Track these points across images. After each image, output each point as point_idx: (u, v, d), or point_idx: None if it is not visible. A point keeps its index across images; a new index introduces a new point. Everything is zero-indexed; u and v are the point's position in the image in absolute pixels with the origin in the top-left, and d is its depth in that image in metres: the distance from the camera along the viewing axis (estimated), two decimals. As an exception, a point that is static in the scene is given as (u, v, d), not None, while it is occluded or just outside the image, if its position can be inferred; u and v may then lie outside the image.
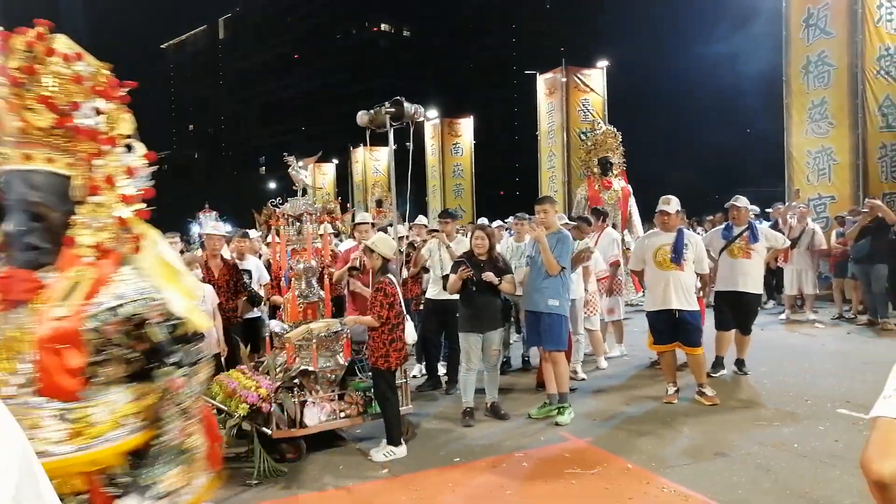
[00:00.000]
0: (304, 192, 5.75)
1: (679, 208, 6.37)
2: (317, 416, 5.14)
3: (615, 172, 10.32)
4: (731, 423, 5.49)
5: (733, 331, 7.00)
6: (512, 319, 7.57)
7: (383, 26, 75.94)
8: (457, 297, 6.64)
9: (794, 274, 10.35)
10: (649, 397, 6.37)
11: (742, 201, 7.00)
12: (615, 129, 10.62)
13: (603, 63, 19.54)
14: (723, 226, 7.36)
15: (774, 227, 9.74)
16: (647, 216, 10.42)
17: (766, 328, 9.27)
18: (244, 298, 6.83)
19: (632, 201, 10.26)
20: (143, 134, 2.09)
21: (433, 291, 7.04)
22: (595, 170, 10.48)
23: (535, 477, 4.61)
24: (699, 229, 12.59)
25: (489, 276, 5.69)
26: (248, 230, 8.37)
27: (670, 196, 6.30)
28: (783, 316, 10.46)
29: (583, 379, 7.12)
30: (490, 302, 5.83)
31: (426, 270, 7.47)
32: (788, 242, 8.74)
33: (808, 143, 12.91)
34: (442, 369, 7.23)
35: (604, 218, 8.39)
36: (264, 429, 4.93)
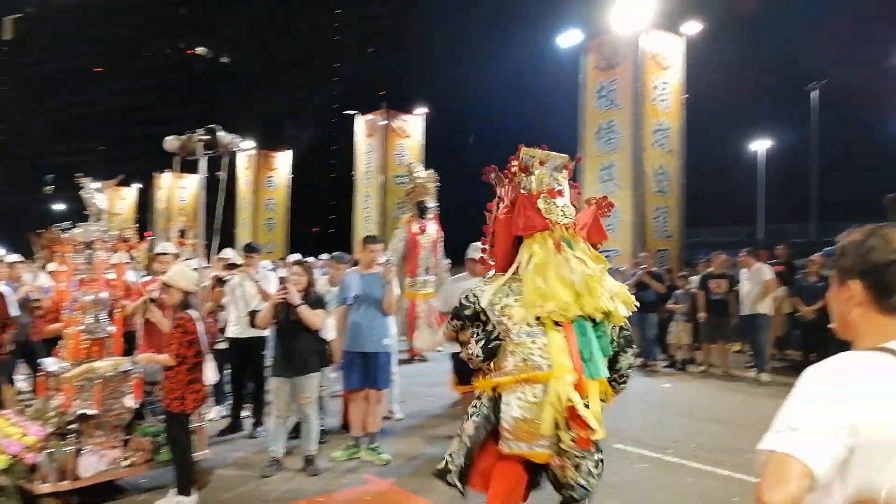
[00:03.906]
0: (99, 217, 5.27)
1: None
2: (95, 465, 4.64)
3: (429, 217, 10.67)
4: (525, 460, 5.80)
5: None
6: None
7: (199, 49, 72.67)
8: (262, 334, 6.42)
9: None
10: (451, 437, 6.53)
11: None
12: (435, 174, 11.02)
13: (422, 110, 20.32)
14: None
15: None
16: (460, 260, 10.88)
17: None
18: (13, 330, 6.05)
19: (439, 246, 10.68)
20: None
21: (235, 330, 6.71)
22: (414, 212, 10.75)
23: (336, 522, 4.51)
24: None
25: (291, 290, 5.31)
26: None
27: (477, 244, 6.66)
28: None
29: (400, 419, 7.16)
30: (305, 343, 5.49)
31: (221, 308, 7.10)
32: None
33: (598, 202, 14.32)
34: (245, 412, 6.89)
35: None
36: (26, 484, 4.33)
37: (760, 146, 32.16)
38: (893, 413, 1.26)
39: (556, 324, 3.39)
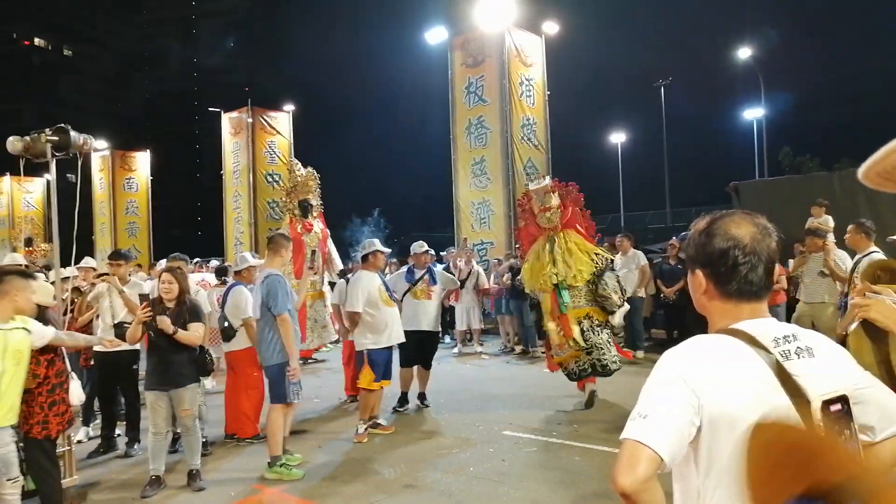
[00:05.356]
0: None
1: None
2: (-57, 505, 4.14)
3: (314, 215, 10.42)
4: (418, 455, 5.83)
5: (416, 367, 7.49)
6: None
7: (37, 41, 66.54)
8: (132, 347, 6.06)
9: (463, 311, 11.51)
10: (341, 438, 6.45)
11: (425, 247, 7.62)
12: (315, 172, 10.75)
13: (289, 107, 19.84)
14: (405, 269, 7.89)
15: (447, 269, 10.76)
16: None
17: (441, 361, 10.10)
18: None
19: (329, 242, 10.44)
20: None
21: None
22: (296, 212, 10.42)
23: (227, 537, 4.31)
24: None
25: (163, 320, 5.06)
26: None
27: (376, 240, 6.66)
28: (455, 350, 11.54)
29: None
30: (179, 354, 5.18)
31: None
32: (459, 283, 9.72)
33: (471, 195, 14.63)
34: (119, 430, 6.43)
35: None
36: None
37: (618, 139, 34.22)
38: (733, 390, 1.38)
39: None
